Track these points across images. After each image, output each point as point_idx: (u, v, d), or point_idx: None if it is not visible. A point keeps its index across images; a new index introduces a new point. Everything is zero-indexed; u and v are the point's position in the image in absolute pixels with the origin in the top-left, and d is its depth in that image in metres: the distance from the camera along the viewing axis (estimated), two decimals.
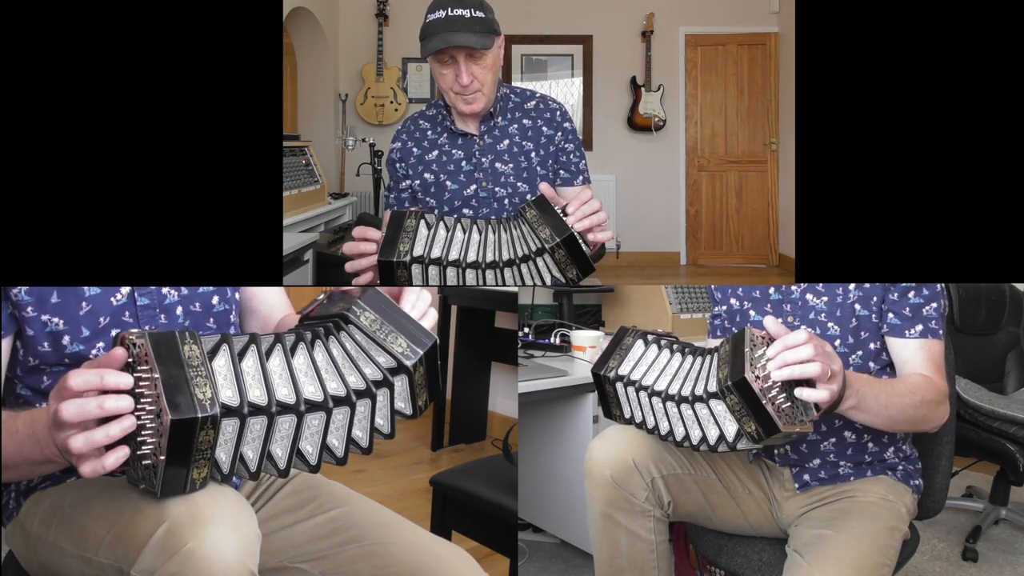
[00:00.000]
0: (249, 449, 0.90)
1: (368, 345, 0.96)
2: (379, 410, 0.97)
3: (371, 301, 0.99)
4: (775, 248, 5.29)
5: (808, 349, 1.08)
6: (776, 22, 5.21)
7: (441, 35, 1.42)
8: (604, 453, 1.37)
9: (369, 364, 0.96)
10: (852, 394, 1.16)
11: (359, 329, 0.96)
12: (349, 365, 0.96)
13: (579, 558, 2.35)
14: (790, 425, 1.09)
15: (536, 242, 1.28)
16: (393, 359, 0.96)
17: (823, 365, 1.08)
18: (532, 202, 1.30)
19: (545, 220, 1.27)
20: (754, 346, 1.12)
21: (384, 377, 0.96)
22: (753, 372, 1.09)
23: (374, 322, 0.97)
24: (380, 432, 0.99)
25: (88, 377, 0.81)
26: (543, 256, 1.28)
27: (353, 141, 4.46)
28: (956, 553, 2.49)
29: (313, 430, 0.94)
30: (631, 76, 5.34)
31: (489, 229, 1.33)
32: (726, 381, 1.11)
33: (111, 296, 1.07)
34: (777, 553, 1.38)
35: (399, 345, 0.96)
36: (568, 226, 1.26)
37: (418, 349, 0.97)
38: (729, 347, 1.15)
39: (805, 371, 1.07)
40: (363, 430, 0.97)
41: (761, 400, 1.08)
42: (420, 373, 0.97)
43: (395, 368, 0.96)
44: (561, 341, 2.47)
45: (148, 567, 0.85)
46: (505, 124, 1.59)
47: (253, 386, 0.90)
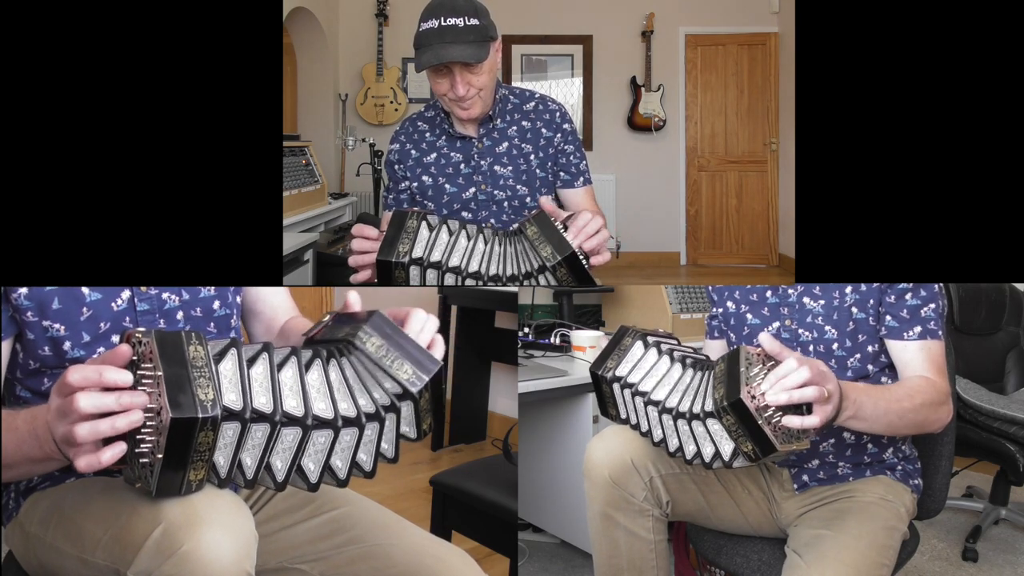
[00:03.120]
0: (248, 456, 0.89)
1: (374, 371, 0.96)
2: (385, 434, 0.97)
3: (377, 326, 0.98)
4: (775, 248, 5.29)
5: (804, 372, 1.06)
6: (776, 22, 5.21)
7: (434, 48, 1.40)
8: (603, 453, 1.37)
9: (376, 389, 0.96)
10: (849, 405, 1.14)
11: (365, 355, 0.96)
12: (360, 387, 0.96)
13: (579, 558, 2.35)
14: (787, 444, 1.07)
15: (537, 259, 1.27)
16: (399, 385, 0.95)
17: (819, 388, 1.06)
18: (532, 218, 1.28)
19: (546, 237, 1.26)
20: (749, 364, 1.10)
21: (391, 403, 0.96)
22: (749, 392, 1.07)
23: (380, 348, 0.96)
24: (384, 456, 0.98)
25: (87, 373, 0.81)
26: (544, 273, 1.28)
27: (353, 141, 4.46)
28: (956, 553, 2.49)
29: (318, 447, 0.93)
30: (631, 76, 5.34)
31: (496, 240, 1.31)
32: (722, 401, 1.09)
33: (111, 301, 1.07)
34: (776, 553, 1.38)
35: (405, 372, 0.95)
36: (569, 243, 1.25)
37: (424, 375, 0.96)
38: (724, 366, 1.14)
39: (804, 395, 1.06)
40: (368, 453, 0.96)
41: (757, 420, 1.06)
42: (425, 399, 0.97)
43: (400, 394, 0.96)
44: (561, 341, 2.47)
45: (144, 568, 0.84)
46: (504, 126, 1.58)
47: (260, 393, 0.89)
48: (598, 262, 1.29)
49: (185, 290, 1.14)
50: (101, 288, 1.07)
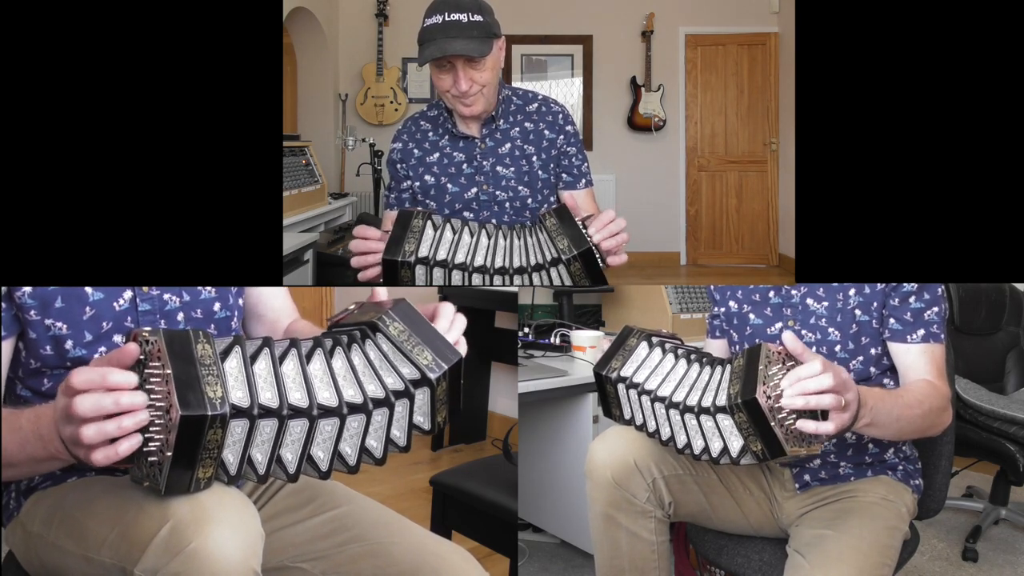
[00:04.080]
0: (258, 452, 0.90)
1: (393, 355, 0.96)
2: (396, 421, 0.97)
3: (402, 313, 0.99)
4: (775, 248, 5.29)
5: (827, 379, 1.04)
6: (776, 22, 5.21)
7: (438, 42, 1.40)
8: (605, 453, 1.36)
9: (392, 374, 0.96)
10: (866, 413, 1.12)
11: (387, 338, 0.96)
12: (370, 374, 0.96)
13: (579, 558, 2.36)
14: (797, 448, 1.06)
15: (552, 251, 1.26)
16: (417, 370, 0.96)
17: (837, 397, 1.05)
18: (553, 210, 1.28)
19: (565, 231, 1.25)
20: (769, 363, 1.08)
21: (405, 387, 0.95)
22: (765, 392, 1.06)
23: (402, 332, 0.96)
24: (395, 444, 0.98)
25: (90, 376, 0.81)
26: (557, 266, 1.27)
27: (353, 141, 4.46)
28: (956, 553, 2.49)
29: (326, 436, 0.93)
30: (631, 76, 5.34)
31: (500, 235, 1.31)
32: (736, 398, 1.08)
33: (113, 301, 1.07)
34: (778, 553, 1.38)
35: (424, 358, 0.96)
36: (587, 239, 1.25)
37: (443, 363, 0.96)
38: (743, 361, 1.12)
39: (821, 402, 1.04)
40: (378, 440, 0.96)
41: (770, 422, 1.05)
42: (442, 388, 0.97)
43: (418, 380, 0.96)
44: (561, 341, 2.47)
45: (152, 566, 0.85)
46: (507, 127, 1.58)
47: (265, 388, 0.89)
48: (615, 263, 1.28)
49: (186, 291, 1.14)
50: (103, 288, 1.07)
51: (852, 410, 1.08)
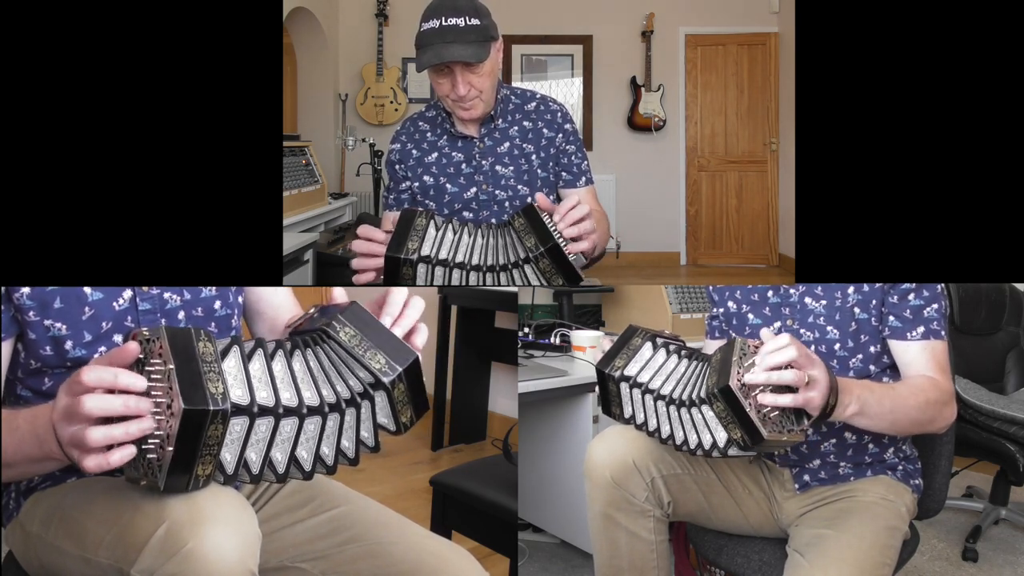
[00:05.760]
0: (252, 452, 0.90)
1: (348, 360, 0.96)
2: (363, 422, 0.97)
3: (352, 317, 0.98)
4: (775, 248, 5.29)
5: (790, 351, 1.08)
6: (776, 22, 5.21)
7: (435, 48, 1.40)
8: (604, 453, 1.37)
9: (350, 378, 0.96)
10: (853, 401, 1.15)
11: (339, 345, 0.96)
12: (335, 375, 0.96)
13: (579, 558, 2.35)
14: (775, 434, 1.09)
15: (522, 250, 1.29)
16: (371, 375, 0.95)
17: (798, 372, 1.08)
18: (521, 210, 1.30)
19: (531, 228, 1.28)
20: (744, 355, 1.13)
21: (364, 390, 0.95)
22: (739, 380, 1.10)
23: (353, 337, 0.96)
24: (365, 445, 0.98)
25: (102, 374, 0.81)
26: (528, 265, 1.29)
27: (353, 141, 4.46)
28: (956, 553, 2.49)
29: (308, 435, 0.94)
30: (631, 76, 5.35)
31: (491, 234, 1.33)
32: (713, 388, 1.13)
33: (113, 301, 1.07)
34: (777, 553, 1.38)
35: (377, 362, 0.95)
36: (552, 235, 1.26)
37: (397, 366, 0.95)
38: (720, 355, 1.16)
39: (783, 377, 1.08)
40: (350, 440, 0.97)
41: (745, 408, 1.09)
42: (401, 390, 0.96)
43: (374, 384, 0.95)
44: (561, 341, 2.47)
45: (148, 567, 0.84)
46: (506, 127, 1.58)
47: (259, 388, 0.90)
48: (577, 249, 1.29)
49: (186, 290, 1.14)
50: (103, 288, 1.07)
51: (820, 389, 1.10)
